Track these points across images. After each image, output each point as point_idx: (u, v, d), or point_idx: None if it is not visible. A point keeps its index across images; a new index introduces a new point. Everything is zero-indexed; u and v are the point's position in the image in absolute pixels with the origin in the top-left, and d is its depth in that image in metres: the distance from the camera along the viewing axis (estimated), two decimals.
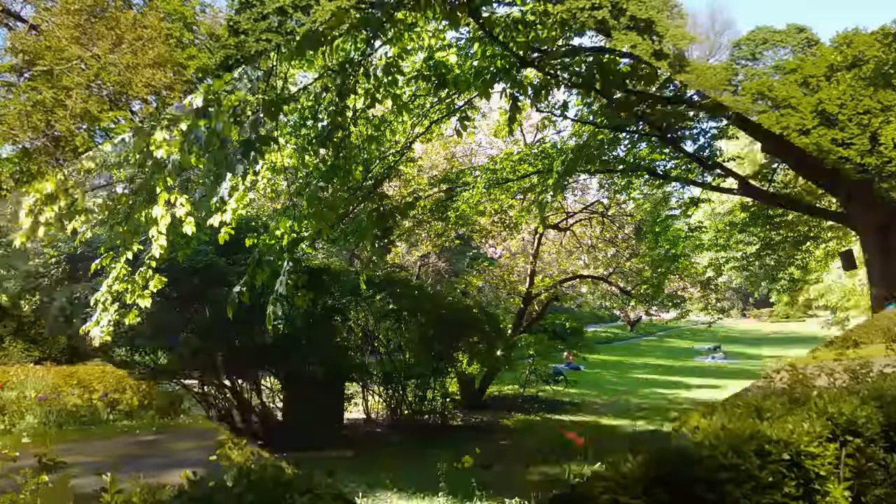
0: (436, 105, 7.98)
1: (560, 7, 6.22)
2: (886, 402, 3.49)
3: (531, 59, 6.44)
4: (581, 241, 16.39)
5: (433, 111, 8.09)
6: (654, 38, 6.71)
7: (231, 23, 6.76)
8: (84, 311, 8.21)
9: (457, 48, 6.65)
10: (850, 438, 3.15)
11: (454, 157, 15.06)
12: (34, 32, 10.66)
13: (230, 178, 4.22)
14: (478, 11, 5.72)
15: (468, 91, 6.69)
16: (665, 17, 6.85)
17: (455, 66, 6.47)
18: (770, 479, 2.66)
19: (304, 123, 6.49)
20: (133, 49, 10.08)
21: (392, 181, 11.80)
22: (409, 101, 6.95)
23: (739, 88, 7.28)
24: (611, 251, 16.25)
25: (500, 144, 15.10)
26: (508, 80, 5.63)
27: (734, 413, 3.52)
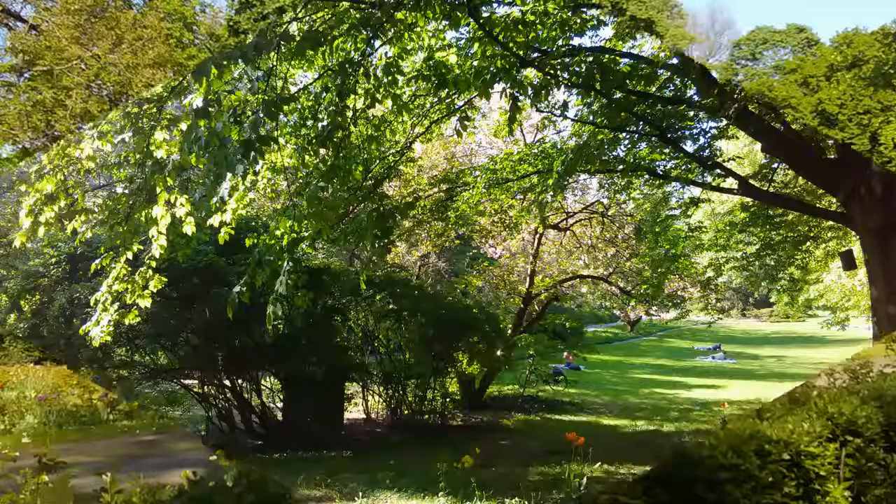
0: (436, 105, 7.98)
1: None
2: (886, 402, 3.50)
3: (531, 59, 6.44)
4: (581, 241, 16.39)
5: (433, 111, 8.09)
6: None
7: (231, 23, 6.77)
8: (84, 311, 8.22)
9: (457, 48, 6.65)
10: (850, 438, 3.16)
11: (454, 157, 15.05)
12: (34, 32, 10.66)
13: (230, 178, 4.21)
14: (478, 11, 5.72)
15: (468, 91, 6.69)
16: (665, 17, 6.85)
17: (455, 66, 6.47)
18: (770, 479, 2.67)
19: (304, 123, 6.48)
20: (133, 49, 10.08)
21: (392, 181, 11.79)
22: (409, 101, 6.95)
23: (739, 89, 7.27)
24: (611, 251, 16.24)
25: (500, 144, 15.10)
26: (508, 80, 5.63)
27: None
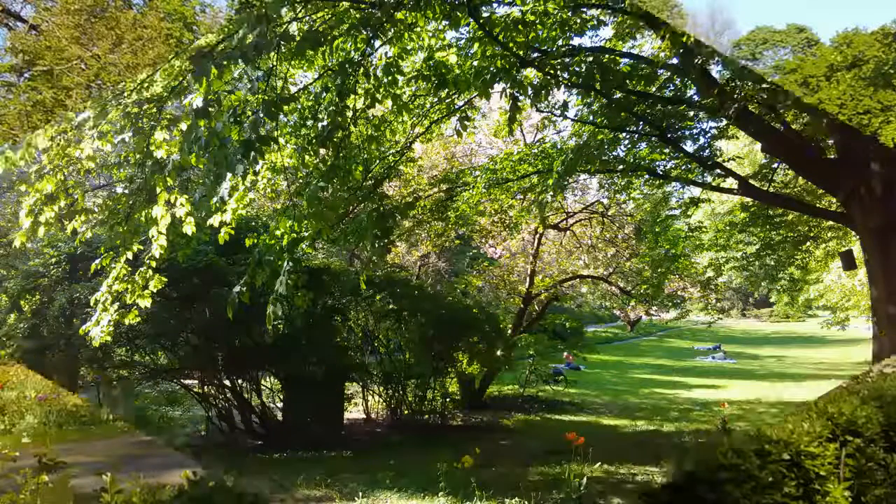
0: (436, 105, 7.97)
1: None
2: (886, 402, 3.50)
3: (531, 59, 6.43)
4: (581, 241, 16.39)
5: (433, 111, 8.08)
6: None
7: (231, 23, 6.77)
8: (84, 311, 8.23)
9: (457, 48, 6.64)
10: (850, 438, 3.15)
11: (454, 157, 15.05)
12: (34, 32, 10.67)
13: (230, 178, 4.21)
14: (478, 11, 5.71)
15: (468, 91, 6.68)
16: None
17: (455, 66, 6.46)
18: (770, 479, 2.66)
19: (304, 123, 6.48)
20: (133, 49, 10.09)
21: (392, 181, 11.79)
22: (409, 101, 6.94)
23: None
24: (611, 251, 16.24)
25: (500, 144, 15.10)
26: (508, 80, 5.62)
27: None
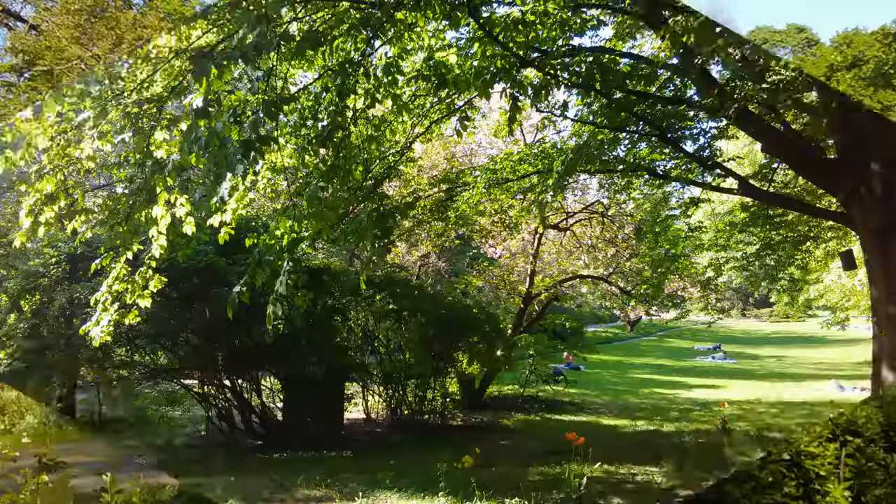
0: (436, 105, 7.96)
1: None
2: (886, 402, 3.50)
3: (531, 59, 6.42)
4: (581, 241, 16.39)
5: (433, 111, 8.08)
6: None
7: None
8: (84, 311, 8.22)
9: (457, 48, 6.64)
10: (850, 438, 3.15)
11: (454, 157, 15.06)
12: (34, 32, 10.67)
13: (230, 178, 4.20)
14: (478, 11, 5.71)
15: (468, 91, 6.67)
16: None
17: (455, 66, 6.46)
18: (770, 479, 2.66)
19: (304, 123, 6.47)
20: (133, 49, 10.07)
21: (392, 181, 11.79)
22: (409, 101, 6.93)
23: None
24: (611, 251, 16.24)
25: (500, 144, 15.10)
26: (508, 80, 5.61)
27: None
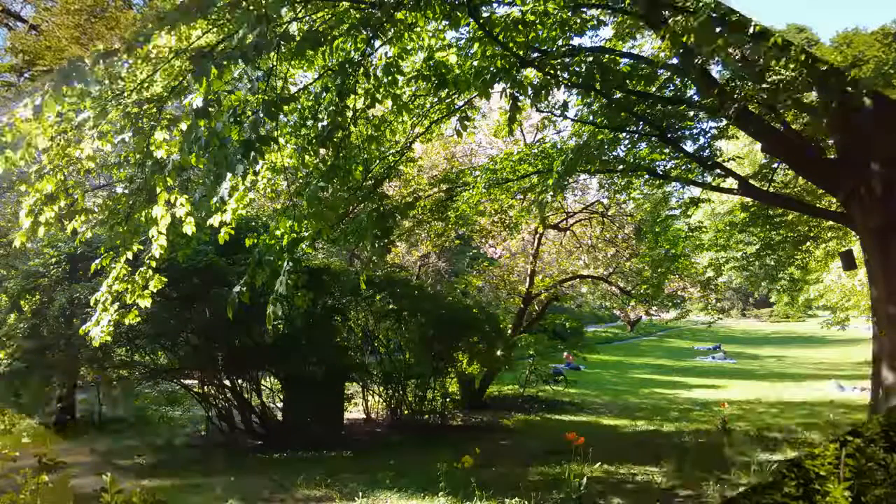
0: (436, 105, 7.97)
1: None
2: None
3: (531, 59, 6.42)
4: (581, 241, 16.39)
5: (433, 111, 8.08)
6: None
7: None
8: (84, 311, 8.22)
9: (457, 48, 6.64)
10: (850, 438, 3.15)
11: (454, 157, 15.05)
12: (34, 32, 10.67)
13: (230, 178, 4.21)
14: (478, 11, 5.71)
15: (468, 91, 6.67)
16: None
17: (455, 66, 6.46)
18: (770, 479, 2.66)
19: (304, 123, 6.47)
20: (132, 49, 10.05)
21: (392, 181, 11.79)
22: (409, 101, 6.93)
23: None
24: (611, 251, 16.24)
25: (500, 144, 15.10)
26: (508, 80, 5.61)
27: None
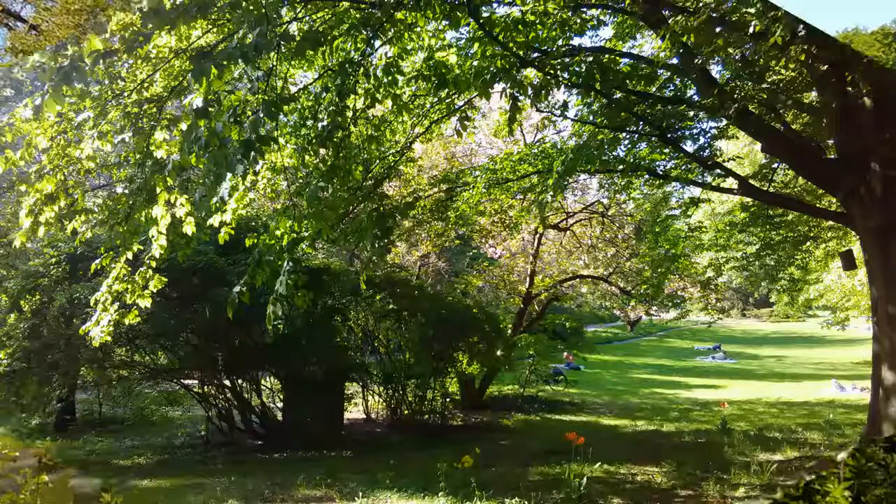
0: (436, 105, 7.97)
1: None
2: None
3: (531, 59, 6.42)
4: (581, 241, 16.39)
5: (433, 111, 8.08)
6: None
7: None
8: (84, 311, 8.22)
9: (457, 48, 6.64)
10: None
11: (454, 157, 15.06)
12: (34, 32, 10.65)
13: (230, 178, 4.20)
14: (478, 11, 5.71)
15: (468, 91, 6.68)
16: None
17: (455, 66, 6.46)
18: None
19: (304, 123, 6.47)
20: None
21: (392, 181, 11.79)
22: (409, 101, 6.94)
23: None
24: (611, 251, 16.25)
25: (500, 144, 15.11)
26: (508, 80, 5.60)
27: None
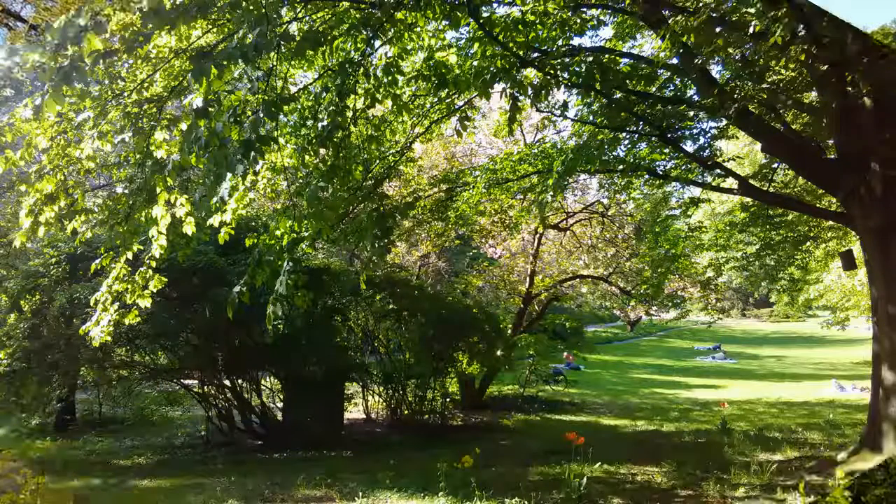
0: (436, 105, 7.97)
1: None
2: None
3: (531, 59, 6.42)
4: (581, 241, 16.39)
5: (433, 111, 8.08)
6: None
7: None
8: (84, 311, 8.22)
9: (457, 48, 6.64)
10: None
11: (454, 157, 15.06)
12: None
13: (230, 178, 4.20)
14: (478, 11, 5.71)
15: (468, 91, 6.68)
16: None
17: (455, 66, 6.46)
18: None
19: (304, 123, 6.47)
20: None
21: (392, 181, 11.79)
22: (409, 101, 6.94)
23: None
24: (611, 251, 16.25)
25: (500, 144, 15.11)
26: (508, 80, 5.60)
27: None
